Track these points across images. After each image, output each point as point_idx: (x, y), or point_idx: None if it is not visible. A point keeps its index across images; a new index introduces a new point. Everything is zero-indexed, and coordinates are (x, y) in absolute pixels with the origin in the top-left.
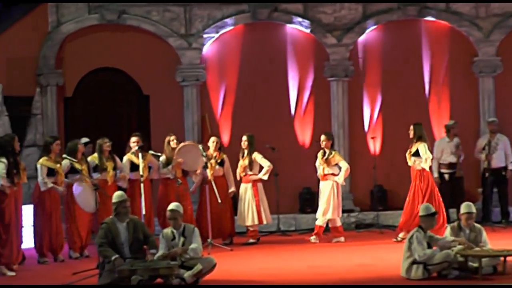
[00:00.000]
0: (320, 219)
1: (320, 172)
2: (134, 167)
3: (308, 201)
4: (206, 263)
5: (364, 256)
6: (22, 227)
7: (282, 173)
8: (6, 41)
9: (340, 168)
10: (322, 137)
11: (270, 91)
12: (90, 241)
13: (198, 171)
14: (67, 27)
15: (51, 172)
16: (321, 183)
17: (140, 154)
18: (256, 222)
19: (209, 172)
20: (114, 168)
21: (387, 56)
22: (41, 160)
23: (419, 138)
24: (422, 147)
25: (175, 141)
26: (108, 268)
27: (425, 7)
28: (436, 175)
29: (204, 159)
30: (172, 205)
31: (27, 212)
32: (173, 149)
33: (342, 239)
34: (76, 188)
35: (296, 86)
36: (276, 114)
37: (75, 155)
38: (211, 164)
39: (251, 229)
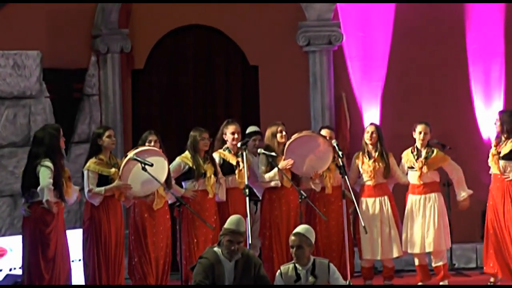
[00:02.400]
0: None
1: (413, 180)
2: (227, 169)
3: None
4: None
5: None
6: (69, 260)
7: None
8: None
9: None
10: (421, 127)
11: (437, 64)
12: (169, 280)
13: (320, 173)
14: None
15: (103, 181)
16: (415, 198)
17: (244, 154)
18: (399, 253)
19: (327, 182)
20: (215, 173)
21: None
22: (88, 164)
23: (511, 132)
24: None
25: (283, 133)
26: None
27: None
28: None
29: (340, 159)
30: (300, 228)
31: (75, 238)
32: (280, 144)
33: (446, 282)
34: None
35: (477, 58)
36: (447, 96)
37: None
38: (329, 170)
39: (388, 265)
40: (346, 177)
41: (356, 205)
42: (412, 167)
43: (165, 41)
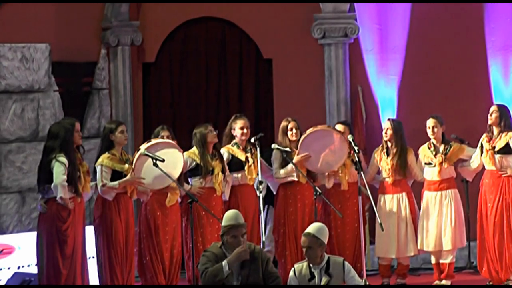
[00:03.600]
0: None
1: (431, 176)
2: (236, 165)
3: None
4: None
5: None
6: (86, 257)
7: (475, 178)
8: None
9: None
10: (429, 122)
11: (455, 56)
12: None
13: (334, 171)
14: None
15: (117, 177)
16: (431, 195)
17: (257, 149)
18: (414, 252)
19: (343, 178)
20: (222, 171)
21: None
22: (100, 159)
23: (508, 126)
24: None
25: (294, 130)
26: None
27: None
28: None
29: (356, 155)
30: (312, 227)
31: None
32: (292, 142)
33: (449, 283)
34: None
35: (496, 50)
36: (465, 89)
37: None
38: (344, 166)
39: (403, 262)
40: (362, 173)
41: (372, 202)
42: (430, 163)
43: (177, 33)
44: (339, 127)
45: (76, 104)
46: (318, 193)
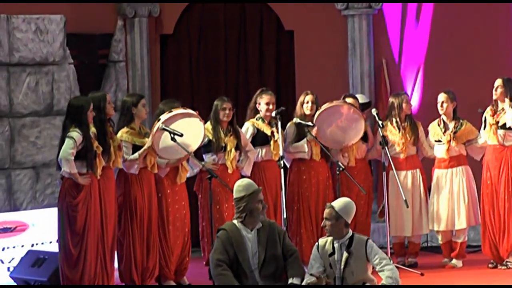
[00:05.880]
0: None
1: (440, 153)
2: (261, 140)
3: None
4: None
5: None
6: (114, 236)
7: None
8: None
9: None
10: (439, 97)
11: (482, 28)
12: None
13: (350, 146)
14: None
15: (137, 151)
16: (441, 173)
17: (279, 123)
18: (427, 230)
19: (351, 155)
20: (237, 147)
21: None
22: (119, 134)
23: None
24: None
25: (310, 104)
26: None
27: None
28: None
29: (380, 129)
30: (337, 200)
31: None
32: (307, 115)
33: (460, 263)
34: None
35: None
36: (492, 62)
37: None
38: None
39: (415, 241)
40: (386, 148)
41: (397, 178)
42: (439, 141)
43: (196, 4)
44: (349, 101)
45: (91, 77)
46: (341, 169)
